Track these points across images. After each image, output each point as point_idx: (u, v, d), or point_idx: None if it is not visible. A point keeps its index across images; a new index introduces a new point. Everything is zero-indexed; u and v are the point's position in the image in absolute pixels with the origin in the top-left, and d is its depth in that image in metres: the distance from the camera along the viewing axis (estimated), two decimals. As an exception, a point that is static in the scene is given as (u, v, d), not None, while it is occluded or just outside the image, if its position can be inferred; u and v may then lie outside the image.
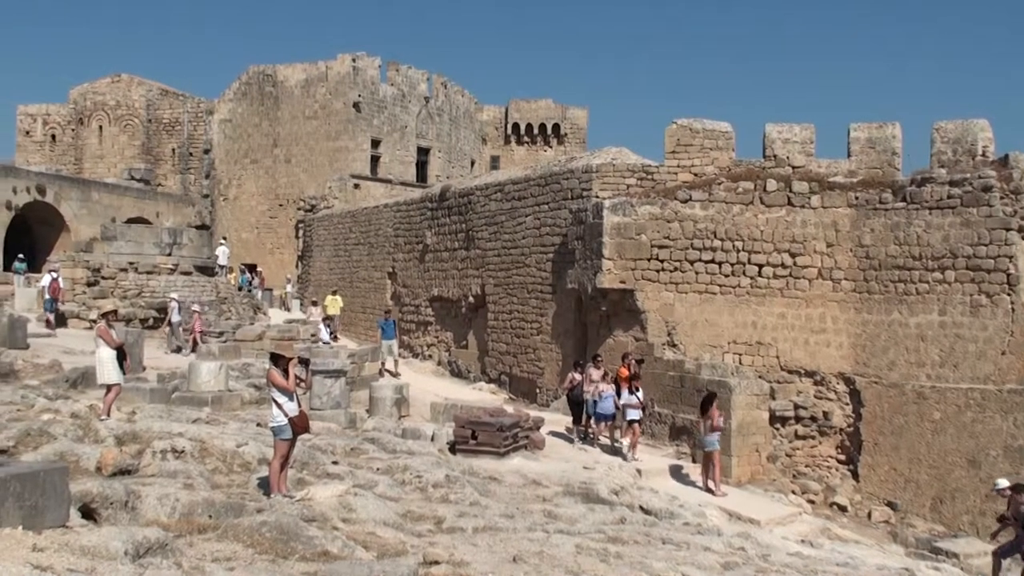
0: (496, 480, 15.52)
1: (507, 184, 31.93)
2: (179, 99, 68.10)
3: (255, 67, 63.03)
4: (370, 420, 20.42)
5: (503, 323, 31.49)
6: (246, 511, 9.75)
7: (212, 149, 64.38)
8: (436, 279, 36.54)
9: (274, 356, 11.91)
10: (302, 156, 60.23)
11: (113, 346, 16.13)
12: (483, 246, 32.80)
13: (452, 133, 66.39)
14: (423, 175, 62.70)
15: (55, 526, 7.50)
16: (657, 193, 25.89)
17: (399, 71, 62.30)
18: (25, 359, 23.61)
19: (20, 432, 13.19)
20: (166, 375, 22.63)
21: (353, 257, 45.70)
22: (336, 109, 59.26)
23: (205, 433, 14.06)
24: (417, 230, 38.57)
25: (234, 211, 62.74)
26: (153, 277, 38.96)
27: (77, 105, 69.68)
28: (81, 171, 65.09)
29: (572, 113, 76.11)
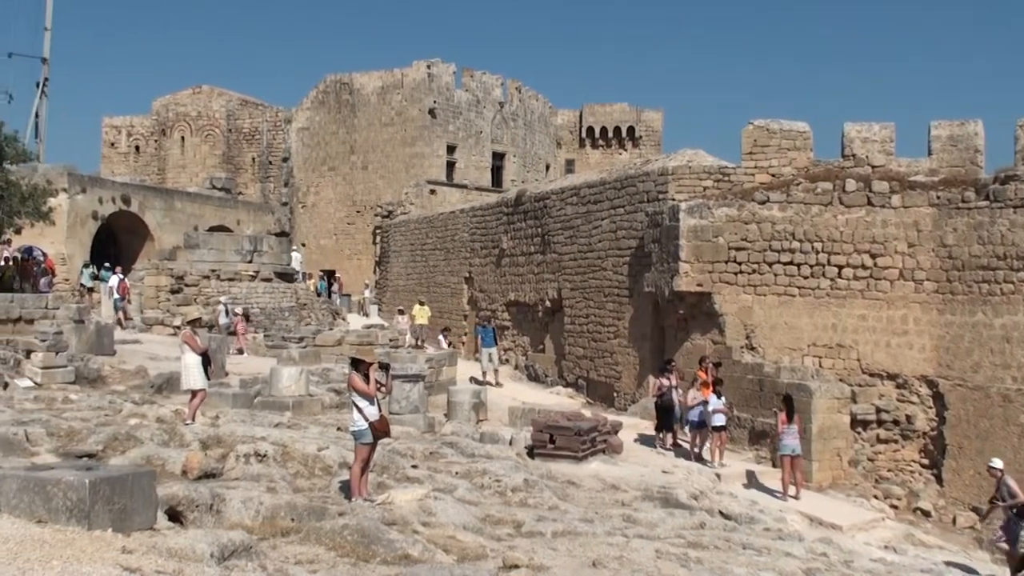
0: (574, 484, 15.52)
1: (582, 188, 31.88)
2: (258, 109, 69.11)
3: (332, 76, 63.71)
4: (448, 424, 20.52)
5: (580, 327, 31.45)
6: (328, 514, 9.86)
7: (291, 157, 65.19)
8: (512, 283, 36.61)
9: (355, 361, 12.02)
10: (379, 163, 60.72)
11: (198, 352, 16.41)
12: (559, 250, 32.79)
13: (527, 137, 66.45)
14: (498, 180, 62.83)
15: (143, 528, 7.61)
16: (734, 195, 25.67)
17: (473, 77, 62.53)
18: (112, 365, 24.17)
19: (108, 436, 13.52)
20: (248, 380, 22.96)
21: (430, 262, 45.97)
22: (412, 116, 59.65)
23: (287, 437, 14.26)
24: (493, 235, 38.68)
25: (312, 218, 63.46)
26: (235, 284, 39.60)
27: (160, 116, 71.07)
28: (164, 181, 66.37)
29: (647, 116, 75.83)
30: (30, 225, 36.42)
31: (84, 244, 46.11)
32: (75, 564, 6.27)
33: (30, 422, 14.09)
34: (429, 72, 59.76)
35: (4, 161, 35.29)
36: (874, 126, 26.11)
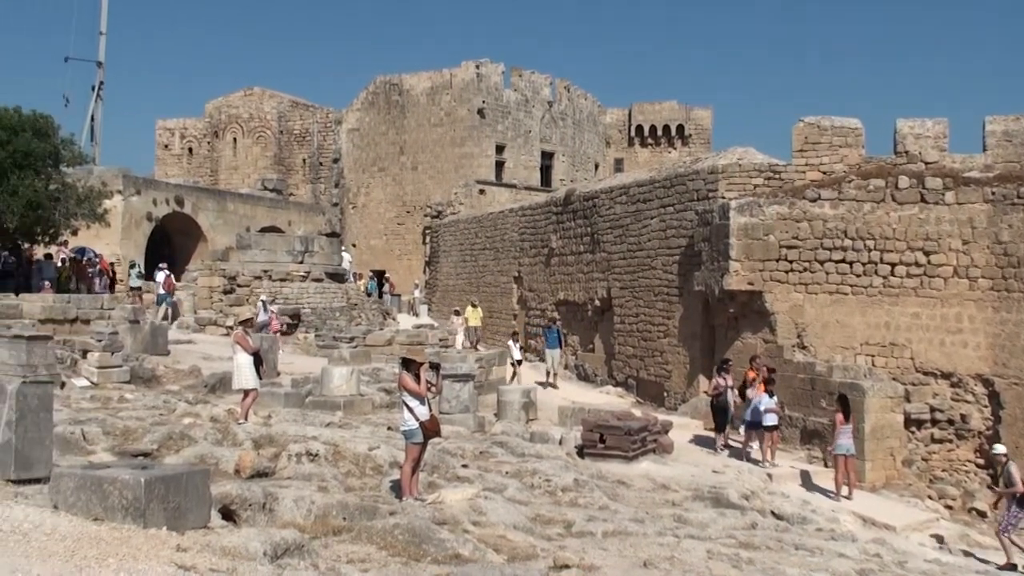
0: (625, 484, 15.49)
1: (632, 187, 31.80)
2: (309, 110, 69.61)
3: (381, 77, 64.02)
4: (498, 424, 20.57)
5: (629, 326, 31.37)
6: (379, 514, 9.92)
7: (341, 158, 65.60)
8: (562, 283, 36.59)
9: (405, 361, 12.08)
10: (428, 163, 60.93)
11: (250, 352, 16.56)
12: (608, 249, 32.73)
13: (576, 137, 66.36)
14: (547, 179, 62.81)
15: (197, 527, 7.72)
16: (785, 193, 25.49)
17: (522, 76, 62.55)
18: (166, 365, 24.49)
19: (163, 436, 13.70)
20: (299, 380, 23.15)
21: (479, 262, 46.05)
22: (461, 116, 59.79)
23: (338, 437, 14.36)
24: (542, 234, 38.68)
25: (363, 218, 63.81)
26: (286, 284, 39.91)
27: (212, 118, 71.81)
28: (217, 182, 67.05)
29: (696, 114, 75.48)
30: (86, 227, 36.94)
31: (139, 245, 46.68)
32: (131, 562, 6.37)
33: (87, 421, 14.30)
34: (478, 72, 59.86)
35: (61, 164, 35.85)
36: (927, 122, 25.79)
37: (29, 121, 34.44)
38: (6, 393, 8.60)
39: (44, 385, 9.36)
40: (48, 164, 34.65)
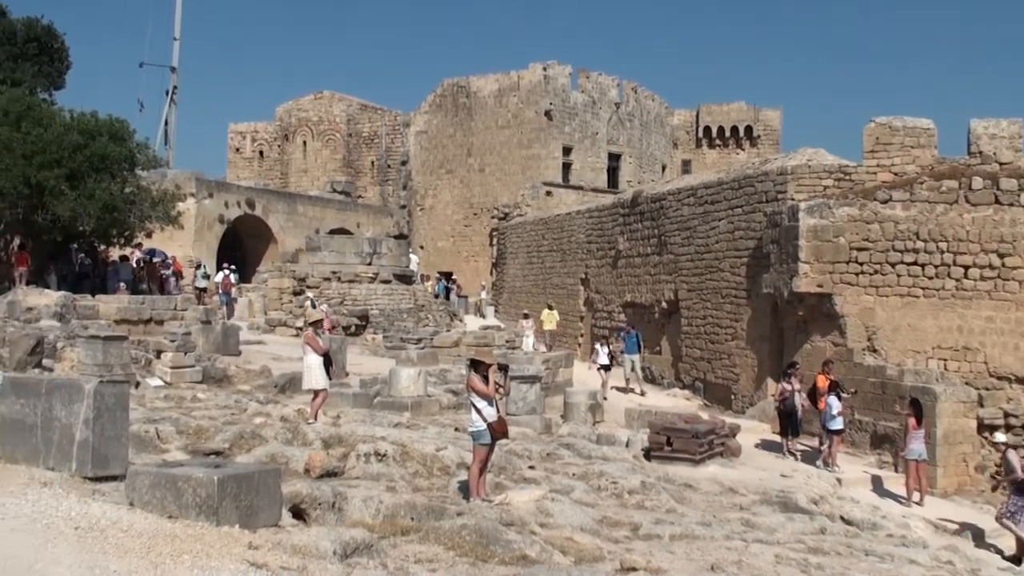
0: (692, 487, 15.42)
1: (699, 188, 31.63)
2: (377, 113, 70.13)
3: (449, 79, 64.31)
4: (565, 426, 20.55)
5: (697, 328, 31.20)
6: (446, 514, 9.98)
7: (409, 160, 65.99)
8: (629, 285, 36.50)
9: (474, 362, 12.13)
10: (495, 165, 61.07)
11: (320, 353, 16.72)
12: (676, 251, 32.58)
13: (643, 138, 66.11)
14: (614, 181, 62.63)
15: (268, 525, 7.81)
16: (855, 194, 25.19)
17: (589, 78, 62.45)
18: (238, 365, 24.82)
19: (234, 435, 13.90)
20: (368, 380, 23.33)
21: (546, 264, 46.08)
22: (528, 118, 59.85)
23: (406, 437, 14.45)
24: (609, 236, 38.61)
25: (430, 220, 64.13)
26: (354, 286, 40.30)
27: (283, 122, 72.66)
28: (287, 185, 67.83)
29: (765, 114, 74.82)
30: (160, 229, 37.60)
31: (211, 247, 47.39)
32: (204, 559, 6.49)
33: (160, 420, 14.55)
34: (545, 74, 59.88)
35: (136, 167, 36.54)
36: (1002, 122, 25.32)
37: (106, 125, 35.16)
38: (84, 392, 8.77)
39: (120, 384, 9.54)
40: (124, 168, 35.33)
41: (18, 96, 35.55)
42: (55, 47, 50.10)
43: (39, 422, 8.96)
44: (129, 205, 34.92)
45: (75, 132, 33.67)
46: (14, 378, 10.12)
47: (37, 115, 34.23)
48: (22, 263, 33.31)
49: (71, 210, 32.44)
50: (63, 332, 23.38)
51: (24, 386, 9.33)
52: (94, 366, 18.90)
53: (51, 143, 32.64)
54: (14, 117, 33.76)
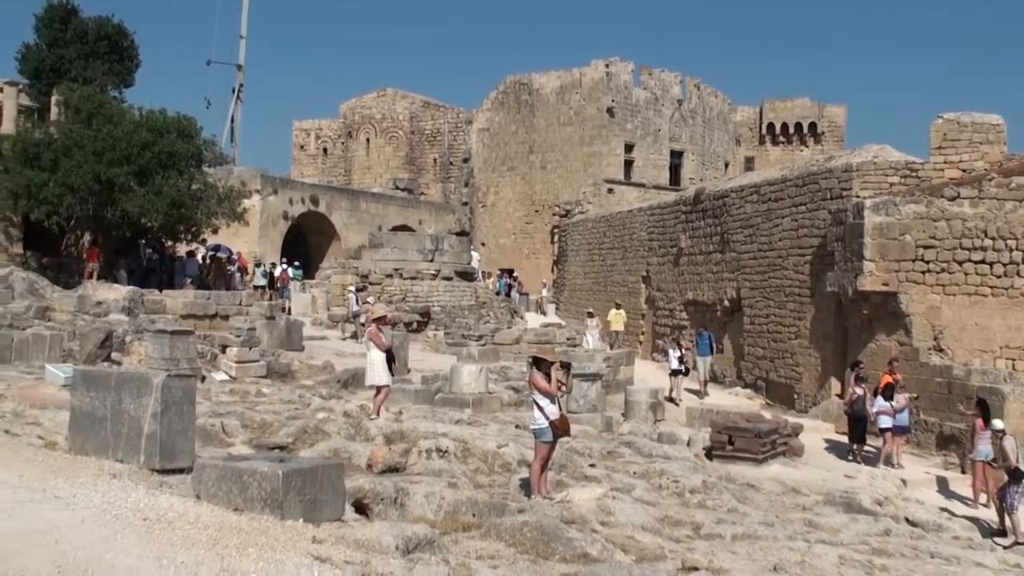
0: (754, 487, 15.31)
1: (763, 185, 31.39)
2: (440, 110, 70.38)
3: (511, 77, 64.34)
4: (626, 424, 20.52)
5: (759, 327, 30.96)
6: (508, 511, 10.01)
7: (471, 158, 66.14)
8: (690, 283, 36.31)
9: (537, 359, 12.14)
10: (557, 162, 61.00)
11: (383, 349, 16.82)
12: (738, 249, 32.36)
13: (705, 135, 65.67)
14: (676, 178, 62.30)
15: (331, 519, 7.85)
16: (922, 191, 24.83)
17: (652, 75, 62.16)
18: (301, 360, 25.08)
19: (298, 429, 14.04)
20: (429, 377, 23.46)
21: (607, 261, 45.99)
22: (590, 115, 59.71)
23: (467, 434, 14.51)
24: (671, 233, 38.44)
25: (492, 217, 64.24)
26: (416, 282, 40.50)
27: (346, 119, 73.18)
28: (350, 182, 68.30)
29: (829, 111, 73.91)
30: (226, 225, 38.04)
31: (275, 243, 47.86)
32: (269, 552, 6.55)
33: (226, 414, 14.74)
34: (607, 71, 59.70)
35: (203, 164, 37.01)
36: (1075, 119, 24.80)
37: (174, 123, 35.66)
38: (152, 386, 8.91)
39: (188, 378, 9.69)
40: (191, 164, 35.81)
41: (89, 94, 36.15)
42: (125, 46, 50.82)
43: (108, 415, 9.12)
44: (196, 201, 35.39)
45: (144, 129, 34.17)
46: (85, 371, 10.32)
47: (107, 113, 34.80)
48: (93, 258, 33.92)
49: (140, 206, 32.94)
50: (131, 326, 23.78)
51: (94, 379, 9.50)
52: (161, 360, 19.20)
53: (121, 140, 33.16)
54: (85, 115, 34.36)
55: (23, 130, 36.04)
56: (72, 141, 33.41)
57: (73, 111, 35.29)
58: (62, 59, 47.80)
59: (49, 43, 48.42)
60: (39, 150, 33.73)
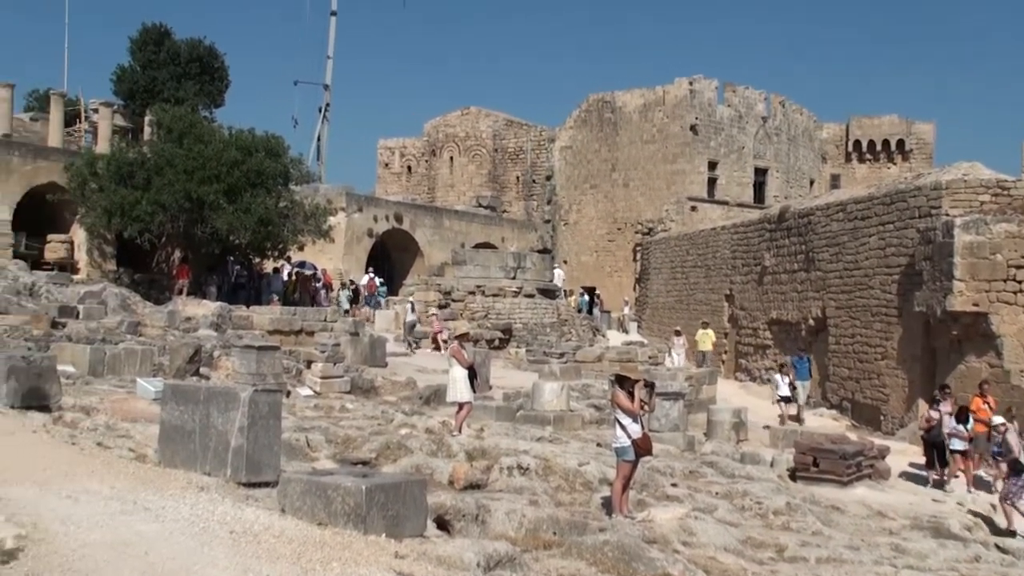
0: (838, 510, 15.10)
1: (849, 203, 30.98)
2: (523, 128, 70.60)
3: (594, 95, 64.35)
4: (708, 444, 20.36)
5: (844, 347, 30.51)
6: (589, 529, 10.00)
7: (554, 175, 66.22)
8: (774, 301, 35.93)
9: (619, 377, 12.14)
10: (640, 180, 60.82)
11: (465, 366, 16.91)
12: (824, 267, 31.95)
13: (790, 153, 64.99)
14: (760, 196, 61.71)
15: (413, 535, 7.87)
16: (1014, 210, 24.31)
17: (736, 92, 61.74)
18: (384, 376, 25.30)
19: (381, 445, 14.17)
20: (511, 394, 23.52)
21: (690, 279, 45.71)
22: (673, 132, 59.47)
23: (548, 451, 14.52)
24: (755, 252, 38.10)
25: (574, 235, 64.22)
26: (498, 300, 40.64)
27: (430, 138, 73.76)
28: (433, 200, 68.79)
29: (917, 128, 72.64)
30: (312, 242, 38.61)
31: (360, 260, 48.38)
32: (352, 566, 6.62)
33: (310, 429, 14.93)
34: (691, 88, 59.44)
35: (290, 182, 37.66)
36: None
37: (262, 142, 36.38)
38: (240, 400, 9.06)
39: (274, 393, 9.83)
40: (278, 183, 36.47)
41: (181, 114, 37.03)
42: (216, 67, 52.10)
43: (197, 428, 9.29)
44: (283, 219, 36.01)
45: (233, 148, 34.90)
46: (174, 385, 10.54)
47: (198, 132, 35.62)
48: (183, 275, 34.68)
49: (229, 224, 33.61)
50: (219, 341, 24.22)
51: (184, 393, 9.70)
52: (248, 375, 19.53)
53: (211, 159, 33.90)
54: (177, 134, 35.21)
55: (118, 149, 37.05)
56: (164, 160, 34.24)
57: (165, 131, 36.19)
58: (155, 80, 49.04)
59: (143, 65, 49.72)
60: (133, 169, 34.64)
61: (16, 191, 34.87)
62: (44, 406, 11.99)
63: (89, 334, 22.39)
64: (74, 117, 49.03)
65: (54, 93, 44.90)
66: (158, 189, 33.53)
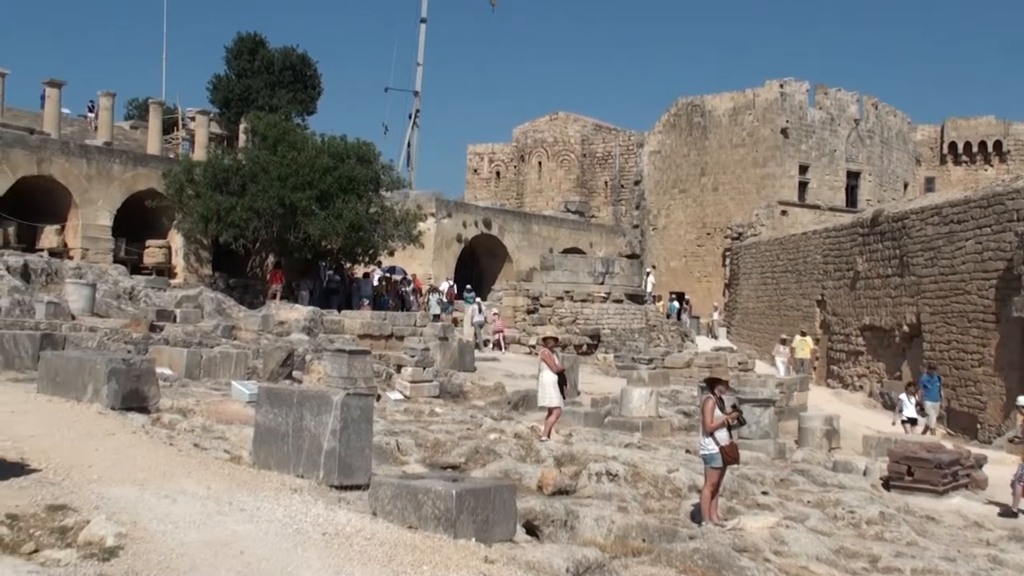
0: (934, 520, 14.82)
1: (944, 207, 30.38)
2: (611, 133, 70.43)
3: (683, 99, 63.99)
4: (799, 451, 20.12)
5: (940, 353, 29.89)
6: (678, 537, 9.97)
7: (642, 180, 65.96)
8: (867, 307, 35.35)
9: (709, 381, 12.10)
10: (729, 184, 60.31)
11: (555, 371, 16.92)
12: (918, 272, 31.36)
13: (883, 155, 63.85)
14: (853, 200, 60.73)
15: (503, 540, 7.92)
16: (1119, 214, 23.65)
17: (827, 94, 60.88)
18: (472, 381, 25.44)
19: (470, 450, 14.25)
20: (599, 400, 23.48)
21: (780, 285, 45.19)
22: (763, 136, 58.87)
23: (637, 458, 14.48)
24: (847, 256, 37.54)
25: (663, 240, 63.90)
26: (587, 305, 40.61)
27: (519, 143, 73.96)
28: (522, 205, 68.94)
29: (1016, 129, 70.85)
30: (402, 248, 38.96)
31: (449, 265, 48.68)
32: (443, 570, 6.70)
33: (400, 433, 15.06)
34: (782, 91, 58.78)
35: (380, 188, 38.07)
36: None
37: (353, 148, 36.85)
38: (332, 404, 9.20)
39: (366, 397, 9.96)
40: (369, 189, 36.88)
41: (275, 122, 37.67)
42: (308, 75, 52.93)
43: (290, 431, 9.46)
44: (374, 225, 36.42)
45: (325, 155, 35.40)
46: (268, 389, 10.74)
47: (291, 139, 36.20)
48: (276, 280, 35.27)
49: (321, 229, 34.09)
50: (311, 345, 24.58)
51: (277, 396, 9.88)
52: (339, 379, 19.79)
53: (304, 166, 34.42)
54: (271, 141, 35.83)
55: (213, 156, 37.84)
56: (258, 167, 34.86)
57: (260, 138, 36.86)
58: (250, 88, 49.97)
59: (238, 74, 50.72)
60: (228, 176, 35.33)
61: (117, 197, 35.82)
62: (143, 407, 12.30)
63: (186, 337, 22.90)
64: (172, 125, 50.18)
65: (153, 102, 45.98)
66: (253, 195, 34.15)
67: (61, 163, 34.51)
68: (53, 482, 8.05)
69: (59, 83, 39.46)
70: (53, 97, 39.68)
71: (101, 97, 43.17)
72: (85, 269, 29.89)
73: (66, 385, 12.05)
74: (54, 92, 39.48)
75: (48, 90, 39.82)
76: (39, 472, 8.29)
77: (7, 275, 26.35)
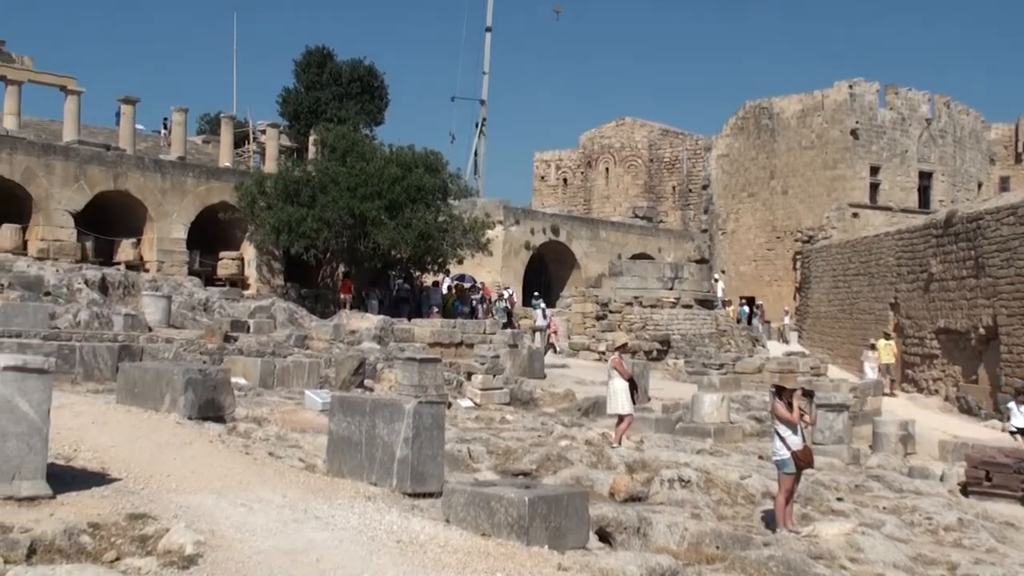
0: (1014, 526, 14.53)
1: (1020, 206, 29.80)
2: (678, 138, 70.14)
3: (751, 102, 63.51)
4: (874, 457, 19.86)
5: (1018, 356, 29.31)
6: (752, 544, 9.91)
7: (710, 184, 65.55)
8: (942, 310, 34.78)
9: (778, 388, 12.00)
10: (798, 187, 59.70)
11: (626, 377, 16.90)
12: (994, 274, 30.80)
13: (956, 155, 62.76)
14: (925, 201, 59.76)
15: (575, 547, 7.93)
16: None
17: (898, 94, 60.02)
18: (543, 388, 25.48)
19: (541, 456, 14.28)
20: (669, 406, 23.39)
21: (852, 288, 44.63)
22: (833, 138, 58.19)
23: (709, 464, 14.41)
24: (920, 258, 36.98)
25: (732, 244, 63.42)
26: (656, 311, 40.44)
27: (586, 149, 73.92)
28: (589, 211, 68.89)
29: (1096, 124, 69.37)
30: (470, 255, 39.14)
31: (517, 273, 48.82)
32: (516, 577, 6.75)
33: (471, 440, 15.15)
34: (851, 92, 58.07)
35: (448, 197, 38.31)
36: None
37: (421, 158, 37.15)
38: (404, 412, 9.29)
39: (437, 405, 10.04)
40: (437, 197, 37.15)
41: (344, 133, 38.10)
42: (376, 86, 53.48)
43: (363, 439, 9.57)
44: (442, 233, 36.64)
45: (394, 165, 35.72)
46: (341, 397, 10.87)
47: (360, 150, 36.59)
48: (346, 289, 35.66)
49: (390, 239, 34.39)
50: (382, 354, 24.80)
51: (350, 405, 10.01)
52: (410, 387, 19.95)
53: (372, 176, 34.77)
54: (340, 152, 36.26)
55: (284, 168, 38.40)
56: (328, 178, 35.29)
57: (329, 150, 37.32)
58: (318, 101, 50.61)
59: (307, 86, 51.40)
60: (298, 187, 35.82)
61: (191, 210, 36.50)
62: (219, 417, 12.48)
63: (259, 347, 23.23)
64: (243, 139, 51.00)
65: (224, 116, 46.75)
66: (323, 206, 34.55)
67: (136, 178, 35.24)
68: (133, 491, 8.22)
69: (133, 100, 40.31)
70: (128, 114, 40.56)
71: (174, 112, 44.00)
72: (161, 281, 30.48)
73: (144, 396, 12.27)
74: (129, 109, 40.35)
75: (123, 107, 40.73)
76: (119, 481, 8.47)
77: (86, 288, 26.97)
